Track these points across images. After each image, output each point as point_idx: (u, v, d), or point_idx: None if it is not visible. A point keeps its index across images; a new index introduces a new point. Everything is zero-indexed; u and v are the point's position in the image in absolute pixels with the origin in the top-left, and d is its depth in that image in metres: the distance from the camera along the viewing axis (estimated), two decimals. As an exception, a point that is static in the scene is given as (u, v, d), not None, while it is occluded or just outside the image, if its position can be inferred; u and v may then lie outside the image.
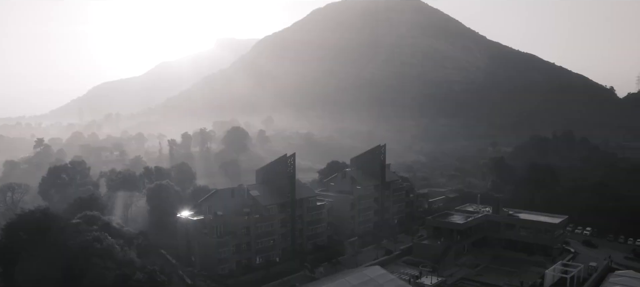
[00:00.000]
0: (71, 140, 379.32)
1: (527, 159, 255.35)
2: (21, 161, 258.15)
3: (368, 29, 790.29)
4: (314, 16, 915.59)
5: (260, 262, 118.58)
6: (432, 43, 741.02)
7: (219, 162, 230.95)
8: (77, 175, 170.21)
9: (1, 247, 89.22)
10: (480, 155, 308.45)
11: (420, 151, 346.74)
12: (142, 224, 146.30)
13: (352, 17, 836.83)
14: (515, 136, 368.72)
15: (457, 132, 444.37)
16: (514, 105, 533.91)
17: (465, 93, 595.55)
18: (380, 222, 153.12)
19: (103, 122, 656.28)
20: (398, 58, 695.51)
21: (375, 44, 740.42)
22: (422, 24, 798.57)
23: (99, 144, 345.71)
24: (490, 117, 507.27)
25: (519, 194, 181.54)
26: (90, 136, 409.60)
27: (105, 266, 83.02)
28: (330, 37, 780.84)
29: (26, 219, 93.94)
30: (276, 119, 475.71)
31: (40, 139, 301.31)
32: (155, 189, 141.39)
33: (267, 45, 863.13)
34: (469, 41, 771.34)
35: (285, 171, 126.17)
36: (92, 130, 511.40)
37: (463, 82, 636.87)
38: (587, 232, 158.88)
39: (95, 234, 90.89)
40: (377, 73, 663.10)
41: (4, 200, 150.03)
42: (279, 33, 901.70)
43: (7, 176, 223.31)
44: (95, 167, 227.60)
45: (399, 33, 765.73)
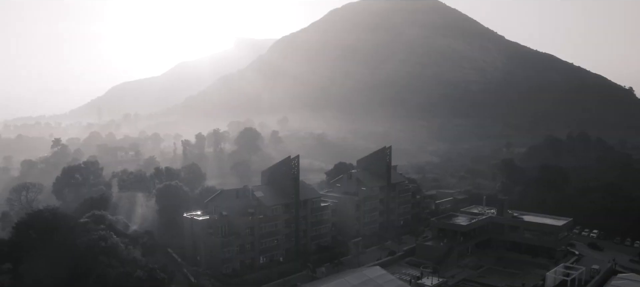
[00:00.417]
0: (89, 140, 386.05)
1: (541, 159, 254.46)
2: (39, 160, 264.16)
3: (385, 29, 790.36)
4: (331, 16, 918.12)
5: (263, 262, 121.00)
6: (449, 43, 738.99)
7: (231, 162, 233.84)
8: (90, 175, 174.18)
9: (11, 245, 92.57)
10: (494, 156, 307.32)
11: (435, 151, 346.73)
12: (151, 224, 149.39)
13: (369, 17, 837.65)
14: (531, 136, 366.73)
15: (472, 133, 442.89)
16: (530, 105, 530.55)
17: (483, 93, 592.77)
18: (386, 223, 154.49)
19: (121, 122, 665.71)
20: (414, 58, 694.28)
21: (392, 44, 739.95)
22: (439, 24, 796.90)
23: (115, 144, 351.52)
24: (506, 117, 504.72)
25: (529, 196, 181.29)
26: (107, 136, 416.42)
27: (109, 264, 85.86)
28: (347, 37, 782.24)
29: (36, 218, 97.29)
30: (292, 119, 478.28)
31: (57, 139, 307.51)
32: (164, 189, 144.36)
33: (284, 46, 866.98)
34: (487, 41, 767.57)
35: (290, 173, 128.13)
36: (110, 130, 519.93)
37: (480, 82, 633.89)
38: (593, 234, 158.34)
39: (101, 233, 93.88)
40: (393, 73, 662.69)
41: (18, 199, 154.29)
42: (296, 33, 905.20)
43: (24, 175, 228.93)
44: (111, 167, 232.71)
45: (416, 33, 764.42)
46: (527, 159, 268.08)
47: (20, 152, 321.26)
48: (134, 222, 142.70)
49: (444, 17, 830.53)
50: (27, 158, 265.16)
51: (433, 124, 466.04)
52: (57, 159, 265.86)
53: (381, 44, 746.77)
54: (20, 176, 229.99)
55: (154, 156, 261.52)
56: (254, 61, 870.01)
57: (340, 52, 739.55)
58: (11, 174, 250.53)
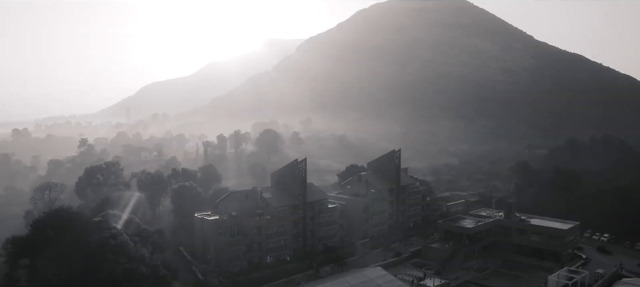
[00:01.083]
0: (116, 140, 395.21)
1: (561, 162, 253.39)
2: (65, 160, 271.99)
3: (411, 29, 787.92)
4: (358, 17, 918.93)
5: (271, 261, 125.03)
6: (476, 43, 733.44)
7: (250, 164, 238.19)
8: (111, 175, 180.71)
9: (28, 242, 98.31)
10: (515, 157, 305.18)
11: (455, 152, 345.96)
12: (167, 223, 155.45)
13: (395, 18, 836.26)
14: (556, 138, 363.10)
15: (496, 134, 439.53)
16: (557, 105, 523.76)
17: (509, 93, 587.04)
18: (395, 225, 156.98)
19: (149, 121, 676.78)
20: (440, 58, 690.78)
21: (418, 45, 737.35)
22: (467, 24, 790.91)
23: (140, 144, 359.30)
24: (532, 118, 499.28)
25: (541, 199, 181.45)
26: (134, 136, 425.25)
27: (117, 261, 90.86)
28: (373, 37, 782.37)
29: (52, 217, 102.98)
30: (315, 120, 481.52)
31: (84, 139, 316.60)
32: (178, 190, 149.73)
33: (311, 46, 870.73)
34: (515, 41, 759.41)
35: (298, 175, 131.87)
36: (138, 130, 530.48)
37: (507, 83, 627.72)
38: (604, 238, 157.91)
39: (112, 232, 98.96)
40: (418, 73, 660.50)
41: (42, 198, 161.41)
42: (323, 34, 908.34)
43: (51, 174, 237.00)
44: (134, 167, 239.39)
45: (443, 33, 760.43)
46: (547, 161, 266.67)
47: (49, 151, 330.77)
48: (152, 221, 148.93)
49: (472, 17, 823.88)
50: (55, 158, 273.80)
51: (456, 125, 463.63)
52: (83, 158, 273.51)
53: (407, 44, 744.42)
54: (47, 175, 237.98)
55: (175, 156, 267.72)
56: (281, 62, 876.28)
57: (366, 52, 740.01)
58: (38, 173, 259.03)
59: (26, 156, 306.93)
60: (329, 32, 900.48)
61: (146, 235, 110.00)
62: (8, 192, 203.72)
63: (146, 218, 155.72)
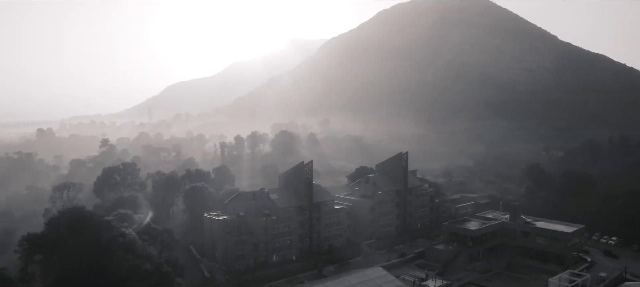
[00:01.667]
0: (137, 140, 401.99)
1: (578, 164, 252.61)
2: (87, 159, 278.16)
3: (433, 30, 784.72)
4: (380, 17, 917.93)
5: (276, 260, 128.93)
6: (498, 43, 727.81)
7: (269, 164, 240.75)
8: (128, 176, 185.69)
9: (43, 239, 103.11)
10: (532, 159, 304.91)
11: (472, 154, 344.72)
12: (179, 222, 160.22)
13: (418, 18, 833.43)
14: (576, 139, 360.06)
15: (515, 135, 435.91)
16: (579, 106, 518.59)
17: (530, 94, 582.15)
18: (403, 226, 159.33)
19: (172, 121, 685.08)
20: (462, 59, 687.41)
21: (440, 45, 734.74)
22: (490, 25, 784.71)
23: (161, 144, 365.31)
24: (553, 119, 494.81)
25: (551, 202, 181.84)
26: (155, 136, 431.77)
27: (125, 258, 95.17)
28: (394, 38, 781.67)
29: (66, 215, 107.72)
30: (334, 121, 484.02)
31: (105, 139, 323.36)
32: (190, 190, 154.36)
33: (332, 47, 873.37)
34: (538, 41, 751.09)
35: (304, 177, 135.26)
36: (160, 130, 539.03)
37: (528, 83, 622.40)
38: (612, 242, 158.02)
39: (122, 230, 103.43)
40: (439, 74, 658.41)
41: (60, 197, 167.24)
42: (345, 34, 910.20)
43: (72, 174, 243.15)
44: (153, 167, 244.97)
45: (465, 34, 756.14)
46: (564, 163, 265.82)
47: (72, 150, 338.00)
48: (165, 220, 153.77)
49: (495, 17, 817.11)
50: (77, 157, 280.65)
51: (475, 126, 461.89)
52: (104, 158, 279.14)
53: (429, 44, 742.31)
54: (68, 175, 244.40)
55: (192, 157, 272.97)
56: (303, 62, 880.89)
57: (387, 52, 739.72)
58: (61, 172, 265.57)
59: (49, 155, 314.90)
60: (351, 33, 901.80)
61: (155, 234, 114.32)
62: (30, 190, 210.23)
63: (160, 217, 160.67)
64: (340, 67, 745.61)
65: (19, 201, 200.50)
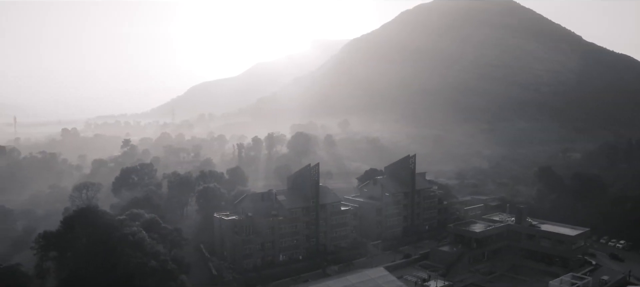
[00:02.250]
0: (159, 140, 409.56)
1: (595, 166, 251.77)
2: (109, 159, 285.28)
3: (456, 30, 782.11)
4: (402, 18, 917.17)
5: (283, 260, 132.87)
6: (521, 44, 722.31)
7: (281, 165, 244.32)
8: (145, 176, 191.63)
9: (58, 236, 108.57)
10: (550, 161, 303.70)
11: (490, 155, 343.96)
12: (192, 222, 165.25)
13: (440, 18, 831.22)
14: (596, 140, 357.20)
15: (536, 136, 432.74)
16: (602, 107, 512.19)
17: (553, 95, 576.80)
18: (410, 227, 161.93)
19: (195, 122, 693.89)
20: (484, 60, 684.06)
21: (462, 45, 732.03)
22: (513, 25, 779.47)
23: (182, 144, 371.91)
24: (575, 120, 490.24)
25: (561, 204, 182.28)
26: (177, 137, 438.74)
27: (133, 255, 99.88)
28: (416, 39, 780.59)
29: (80, 214, 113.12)
30: (354, 122, 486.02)
31: (126, 139, 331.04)
32: (203, 191, 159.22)
33: (354, 47, 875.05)
34: (562, 42, 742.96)
35: (311, 178, 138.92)
36: (183, 130, 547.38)
37: (552, 84, 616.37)
38: (619, 245, 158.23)
39: (132, 229, 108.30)
40: (461, 75, 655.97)
41: (79, 196, 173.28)
42: (367, 35, 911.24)
43: (94, 173, 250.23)
44: (172, 167, 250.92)
45: (487, 34, 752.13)
46: (581, 166, 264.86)
47: (96, 150, 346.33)
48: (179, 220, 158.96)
49: (518, 17, 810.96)
50: (100, 157, 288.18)
51: (495, 128, 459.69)
52: (125, 158, 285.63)
53: (451, 45, 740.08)
54: (90, 174, 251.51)
55: (210, 158, 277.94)
56: (325, 63, 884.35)
57: (409, 53, 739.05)
58: (83, 171, 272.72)
59: (73, 155, 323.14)
60: (373, 33, 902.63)
61: (165, 233, 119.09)
62: (53, 189, 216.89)
63: (175, 217, 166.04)
64: (362, 67, 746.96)
65: (42, 200, 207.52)
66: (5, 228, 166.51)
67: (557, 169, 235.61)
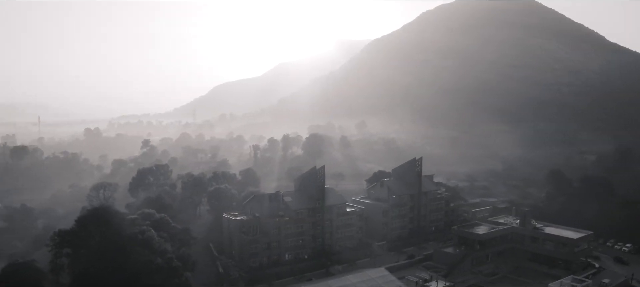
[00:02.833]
0: (179, 140, 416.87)
1: (608, 168, 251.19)
2: (129, 159, 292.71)
3: (477, 30, 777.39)
4: (423, 18, 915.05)
5: (289, 259, 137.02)
6: (542, 44, 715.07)
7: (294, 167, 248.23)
8: (161, 176, 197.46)
9: (72, 234, 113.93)
10: (566, 163, 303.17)
11: (505, 157, 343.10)
12: (204, 221, 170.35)
13: (461, 19, 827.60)
14: (615, 141, 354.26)
15: (554, 137, 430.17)
16: (623, 109, 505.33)
17: (574, 96, 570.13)
18: (416, 229, 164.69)
19: (216, 122, 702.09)
20: (505, 60, 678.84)
21: (483, 46, 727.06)
22: (534, 25, 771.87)
23: (202, 144, 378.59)
24: (595, 121, 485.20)
25: (570, 207, 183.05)
26: (197, 137, 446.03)
27: (142, 253, 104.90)
28: (437, 39, 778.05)
29: (93, 214, 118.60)
30: (372, 123, 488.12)
31: (146, 140, 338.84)
32: (214, 191, 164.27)
33: (375, 48, 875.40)
34: (584, 42, 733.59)
35: (317, 180, 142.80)
36: (204, 130, 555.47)
37: (573, 85, 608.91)
38: (626, 248, 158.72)
39: (142, 228, 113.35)
40: (481, 75, 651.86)
41: (97, 196, 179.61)
42: (388, 36, 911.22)
43: (113, 173, 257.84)
44: (189, 168, 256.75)
45: (509, 34, 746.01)
46: (595, 168, 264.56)
47: (117, 150, 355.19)
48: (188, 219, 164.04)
49: (539, 17, 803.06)
50: (120, 157, 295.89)
51: (513, 129, 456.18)
52: (145, 159, 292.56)
53: (472, 45, 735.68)
54: (110, 174, 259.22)
55: (226, 158, 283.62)
56: (345, 64, 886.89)
57: (430, 54, 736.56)
58: (104, 171, 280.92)
59: (95, 154, 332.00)
60: (394, 34, 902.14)
61: (174, 232, 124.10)
62: (73, 189, 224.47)
63: (188, 217, 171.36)
64: (382, 68, 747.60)
65: (63, 199, 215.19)
66: (26, 226, 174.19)
67: (572, 171, 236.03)
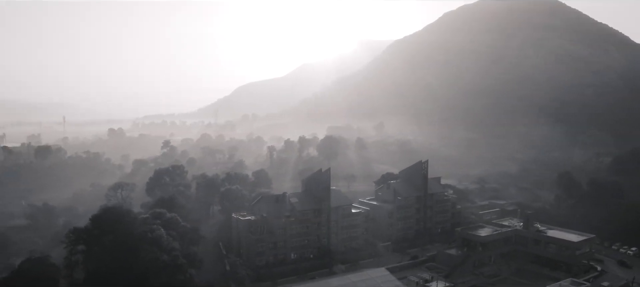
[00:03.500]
0: (200, 141, 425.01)
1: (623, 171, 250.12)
2: (149, 159, 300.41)
3: (499, 31, 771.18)
4: (445, 19, 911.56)
5: (295, 258, 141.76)
6: (565, 45, 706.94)
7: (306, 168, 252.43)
8: (176, 177, 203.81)
9: (86, 232, 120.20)
10: (582, 165, 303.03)
11: (522, 159, 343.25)
12: (216, 221, 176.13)
13: (483, 19, 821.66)
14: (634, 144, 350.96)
15: (573, 140, 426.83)
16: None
17: (597, 97, 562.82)
18: (422, 230, 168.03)
19: (238, 123, 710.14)
20: (527, 61, 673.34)
21: (505, 47, 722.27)
22: (557, 26, 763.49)
23: (222, 145, 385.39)
24: (617, 123, 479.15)
25: (577, 210, 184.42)
26: (217, 138, 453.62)
27: (151, 250, 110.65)
28: (459, 40, 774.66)
29: (106, 213, 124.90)
30: (391, 124, 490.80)
31: (166, 140, 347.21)
32: (225, 192, 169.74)
33: (397, 49, 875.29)
34: (608, 43, 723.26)
35: (322, 182, 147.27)
36: (224, 131, 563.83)
37: (596, 86, 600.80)
38: (631, 252, 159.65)
39: (152, 227, 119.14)
40: (502, 77, 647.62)
41: (115, 195, 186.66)
42: (410, 37, 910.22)
43: (134, 173, 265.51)
44: (207, 168, 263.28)
45: (531, 35, 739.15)
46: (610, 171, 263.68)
47: (139, 150, 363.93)
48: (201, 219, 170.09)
49: (562, 17, 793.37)
50: (142, 157, 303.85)
51: (532, 131, 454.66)
52: (165, 159, 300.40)
53: (493, 46, 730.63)
54: (130, 174, 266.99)
55: (242, 159, 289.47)
56: (366, 65, 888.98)
57: (451, 56, 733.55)
58: (125, 171, 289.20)
59: (117, 154, 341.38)
60: (416, 35, 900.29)
61: (183, 231, 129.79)
62: (94, 188, 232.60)
63: (201, 216, 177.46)
64: (402, 70, 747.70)
65: (84, 198, 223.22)
66: (48, 224, 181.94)
67: (587, 173, 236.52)
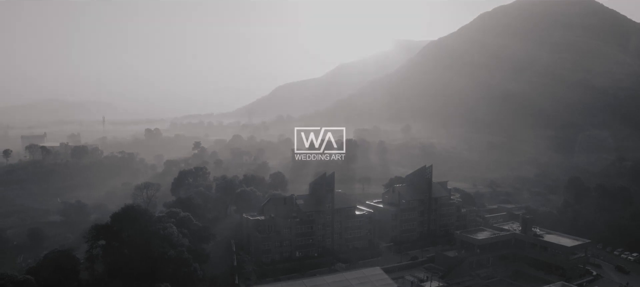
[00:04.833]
0: (231, 142, 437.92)
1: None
2: (180, 160, 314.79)
3: (535, 33, 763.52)
4: (480, 20, 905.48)
5: (299, 256, 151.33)
6: (601, 46, 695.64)
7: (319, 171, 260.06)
8: (199, 178, 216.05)
9: (107, 228, 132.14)
10: (604, 171, 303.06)
11: (543, 163, 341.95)
12: (233, 220, 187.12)
13: (518, 20, 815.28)
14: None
15: (599, 143, 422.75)
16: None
17: (630, 99, 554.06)
18: (426, 232, 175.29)
19: (272, 123, 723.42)
20: (560, 63, 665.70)
21: (540, 49, 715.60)
22: (594, 27, 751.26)
23: (251, 147, 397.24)
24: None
25: (583, 215, 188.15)
26: (248, 139, 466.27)
27: (161, 246, 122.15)
28: (493, 42, 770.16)
29: (126, 211, 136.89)
30: (418, 127, 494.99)
31: (197, 142, 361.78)
32: (240, 193, 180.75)
33: (431, 51, 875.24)
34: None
35: (327, 185, 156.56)
36: (258, 132, 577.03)
37: (631, 89, 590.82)
38: (632, 257, 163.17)
39: (165, 224, 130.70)
40: (535, 79, 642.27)
41: (141, 194, 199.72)
42: (444, 38, 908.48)
43: (165, 173, 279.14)
44: (234, 169, 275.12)
45: (567, 37, 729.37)
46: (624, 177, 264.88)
47: (173, 150, 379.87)
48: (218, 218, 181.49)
49: (599, 18, 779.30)
50: (175, 157, 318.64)
51: (560, 134, 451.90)
52: (195, 160, 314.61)
53: (528, 48, 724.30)
54: (162, 173, 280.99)
55: (266, 161, 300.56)
56: (402, 66, 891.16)
57: (485, 58, 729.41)
58: (157, 171, 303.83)
59: (152, 154, 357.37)
60: (450, 36, 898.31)
61: (195, 229, 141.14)
62: (125, 186, 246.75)
63: (219, 216, 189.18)
64: (434, 73, 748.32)
65: (115, 196, 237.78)
66: (80, 220, 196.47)
67: (606, 178, 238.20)
